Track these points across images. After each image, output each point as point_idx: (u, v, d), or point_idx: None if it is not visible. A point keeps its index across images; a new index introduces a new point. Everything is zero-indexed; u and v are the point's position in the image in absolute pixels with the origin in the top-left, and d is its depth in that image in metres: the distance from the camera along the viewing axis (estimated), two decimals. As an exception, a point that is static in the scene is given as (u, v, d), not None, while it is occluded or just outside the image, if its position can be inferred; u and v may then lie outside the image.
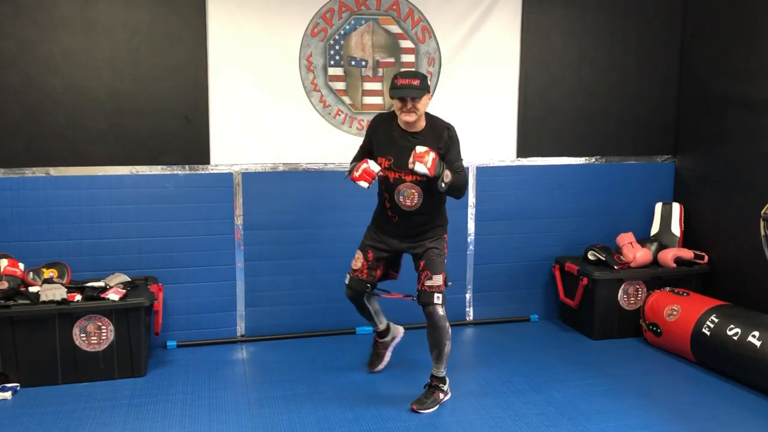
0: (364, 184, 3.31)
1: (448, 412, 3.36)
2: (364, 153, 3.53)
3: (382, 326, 3.83)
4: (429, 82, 3.36)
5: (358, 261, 3.58)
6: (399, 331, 3.91)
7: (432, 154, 3.17)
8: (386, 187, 3.42)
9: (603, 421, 3.25)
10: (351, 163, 3.54)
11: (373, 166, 3.30)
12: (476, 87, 4.50)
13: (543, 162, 4.70)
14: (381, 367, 3.82)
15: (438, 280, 3.39)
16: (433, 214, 3.46)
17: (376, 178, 3.36)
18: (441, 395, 3.45)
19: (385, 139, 3.40)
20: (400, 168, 3.31)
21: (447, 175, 3.23)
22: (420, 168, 3.14)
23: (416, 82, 3.22)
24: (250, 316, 4.34)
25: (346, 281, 3.63)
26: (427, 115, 3.38)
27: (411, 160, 3.16)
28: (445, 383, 3.48)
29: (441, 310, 3.38)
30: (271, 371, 3.86)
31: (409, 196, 3.35)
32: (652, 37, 4.74)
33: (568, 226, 4.78)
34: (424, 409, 3.36)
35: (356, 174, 3.30)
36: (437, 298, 3.38)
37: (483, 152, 4.57)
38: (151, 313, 3.90)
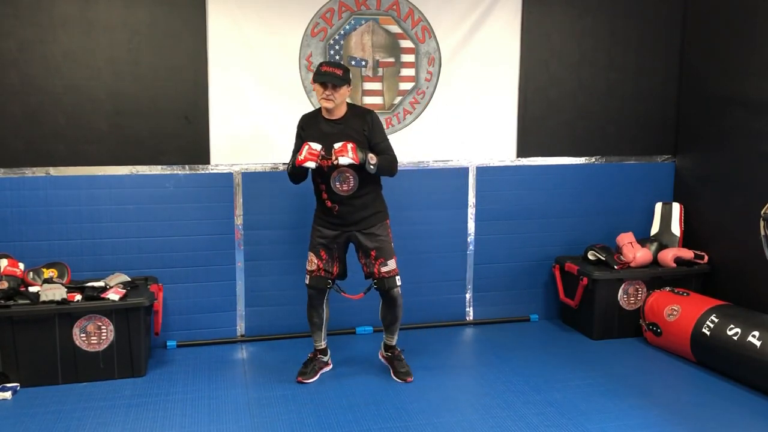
0: (311, 164, 3.44)
1: (448, 412, 3.36)
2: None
3: (324, 344, 3.87)
4: (350, 75, 3.57)
5: (312, 263, 3.67)
6: (330, 363, 3.95)
7: (350, 145, 3.41)
8: (322, 177, 3.55)
9: (603, 421, 3.25)
10: (288, 164, 3.66)
11: (314, 145, 3.45)
12: (476, 87, 4.50)
13: (543, 162, 4.70)
14: (310, 381, 3.74)
15: (392, 264, 3.64)
16: (370, 198, 3.62)
17: (316, 164, 3.45)
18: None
19: (313, 133, 3.56)
20: (331, 154, 3.46)
21: (372, 157, 3.46)
22: (344, 160, 3.39)
23: (339, 72, 3.45)
24: (250, 316, 4.34)
25: (306, 282, 3.69)
26: (348, 104, 3.60)
27: (333, 157, 3.42)
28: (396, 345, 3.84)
29: (399, 290, 3.68)
30: (271, 371, 3.86)
31: (345, 181, 3.52)
32: (652, 37, 4.74)
33: (568, 226, 4.78)
34: (411, 373, 3.71)
35: (301, 157, 3.43)
36: (398, 281, 3.65)
37: (483, 152, 4.58)
38: (151, 313, 3.90)
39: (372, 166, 3.45)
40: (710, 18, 4.54)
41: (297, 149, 3.61)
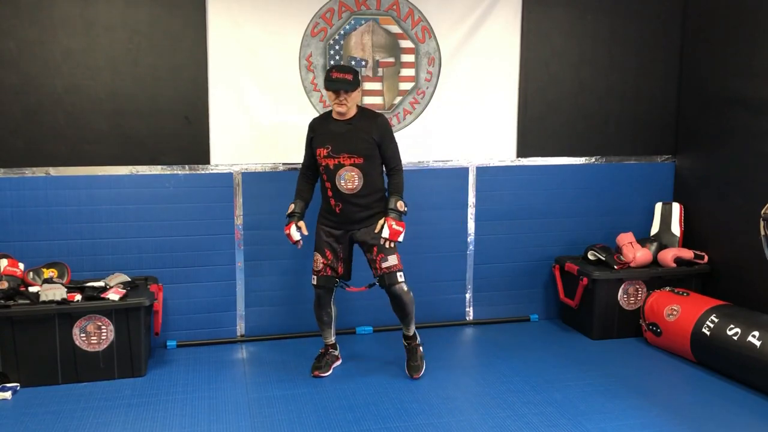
0: (290, 240, 3.69)
1: (448, 412, 3.36)
2: (310, 157, 3.72)
3: (333, 339, 3.92)
4: (360, 78, 3.73)
5: (318, 262, 3.71)
6: (340, 357, 4.00)
7: (393, 225, 3.58)
8: (327, 175, 3.61)
9: (603, 421, 3.25)
10: (302, 169, 3.80)
11: (294, 234, 3.67)
12: (476, 87, 4.50)
13: (543, 162, 4.70)
14: (325, 375, 3.79)
15: (393, 259, 3.62)
16: (374, 198, 3.66)
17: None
18: (421, 348, 3.82)
19: (322, 132, 3.64)
20: (338, 153, 3.55)
21: (401, 206, 3.63)
22: (394, 236, 3.58)
23: (350, 77, 3.50)
24: (250, 316, 4.34)
25: (314, 282, 3.73)
26: (358, 106, 3.65)
27: (390, 244, 3.60)
28: (417, 338, 3.82)
29: (405, 287, 3.66)
30: (271, 371, 3.86)
31: (350, 179, 3.56)
32: (652, 37, 4.74)
33: (568, 226, 4.78)
34: (421, 371, 3.70)
35: (287, 232, 3.69)
36: (400, 276, 3.63)
37: (483, 152, 4.58)
38: (151, 313, 3.90)
39: (402, 207, 3.63)
40: (710, 18, 4.54)
41: (307, 152, 3.72)
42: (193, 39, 4.05)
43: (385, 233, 3.57)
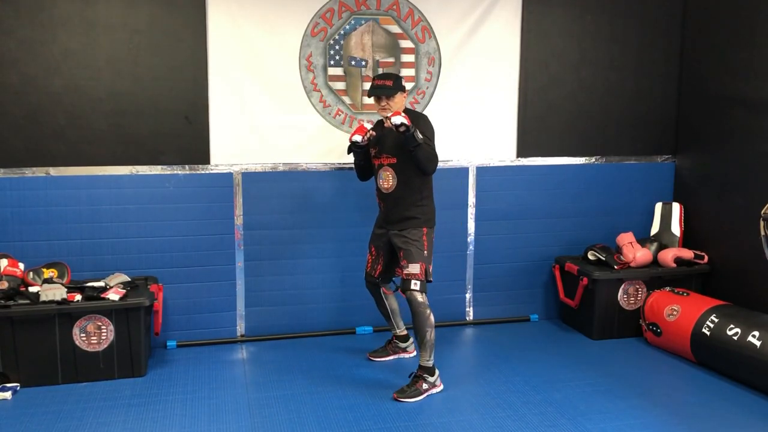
0: (357, 137, 3.57)
1: (448, 412, 3.36)
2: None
3: (400, 331, 4.03)
4: (404, 83, 3.73)
5: (368, 256, 3.91)
6: (414, 351, 4.03)
7: (403, 113, 3.46)
8: (375, 174, 3.76)
9: (603, 421, 3.25)
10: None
11: (366, 123, 3.66)
12: (476, 87, 4.50)
13: (543, 162, 4.70)
14: (380, 360, 4.01)
15: (414, 268, 3.54)
16: (410, 201, 3.63)
17: (362, 138, 3.59)
18: (425, 385, 3.52)
19: (377, 132, 3.71)
20: (380, 154, 3.67)
21: (419, 134, 3.47)
22: (396, 119, 3.37)
23: (389, 83, 3.62)
24: (250, 316, 4.34)
25: (365, 276, 3.97)
26: (406, 110, 3.65)
27: (387, 121, 3.48)
28: (431, 374, 3.55)
29: (420, 297, 3.52)
30: (271, 371, 3.86)
31: (386, 179, 3.66)
32: (652, 37, 4.74)
33: (568, 226, 4.78)
34: (405, 398, 3.44)
35: (352, 132, 3.59)
36: (414, 285, 3.53)
37: (483, 152, 4.58)
38: (151, 313, 3.90)
39: (420, 138, 3.42)
40: (710, 18, 4.54)
41: None
42: (193, 39, 4.05)
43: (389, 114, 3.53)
